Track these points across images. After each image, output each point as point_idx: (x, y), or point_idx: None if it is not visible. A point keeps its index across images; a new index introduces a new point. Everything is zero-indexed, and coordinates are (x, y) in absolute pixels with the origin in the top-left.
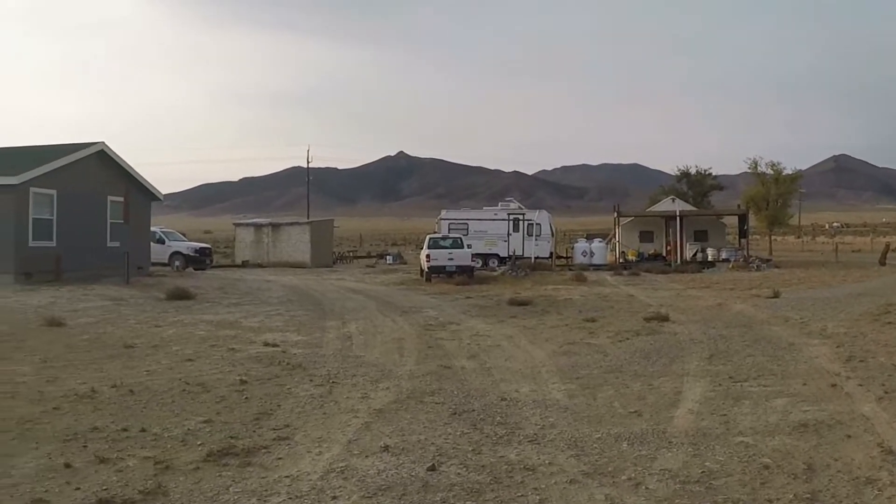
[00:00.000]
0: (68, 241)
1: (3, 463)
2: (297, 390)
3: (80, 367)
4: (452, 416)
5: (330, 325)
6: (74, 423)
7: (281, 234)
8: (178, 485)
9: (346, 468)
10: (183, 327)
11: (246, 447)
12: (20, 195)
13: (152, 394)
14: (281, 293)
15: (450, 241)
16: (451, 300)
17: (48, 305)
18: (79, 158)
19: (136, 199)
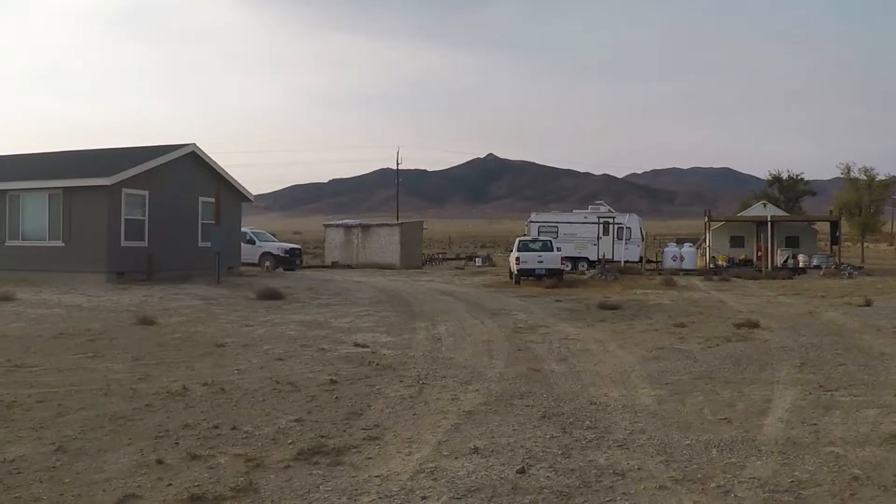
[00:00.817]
0: (160, 241)
1: (96, 458)
2: (387, 391)
3: (171, 365)
4: (542, 419)
5: (419, 327)
6: (166, 420)
7: (370, 235)
8: (269, 482)
9: (436, 469)
10: (273, 327)
11: (336, 446)
12: (113, 196)
13: (243, 392)
14: (370, 294)
15: (539, 244)
16: (541, 303)
17: (140, 304)
18: (171, 160)
19: (227, 200)
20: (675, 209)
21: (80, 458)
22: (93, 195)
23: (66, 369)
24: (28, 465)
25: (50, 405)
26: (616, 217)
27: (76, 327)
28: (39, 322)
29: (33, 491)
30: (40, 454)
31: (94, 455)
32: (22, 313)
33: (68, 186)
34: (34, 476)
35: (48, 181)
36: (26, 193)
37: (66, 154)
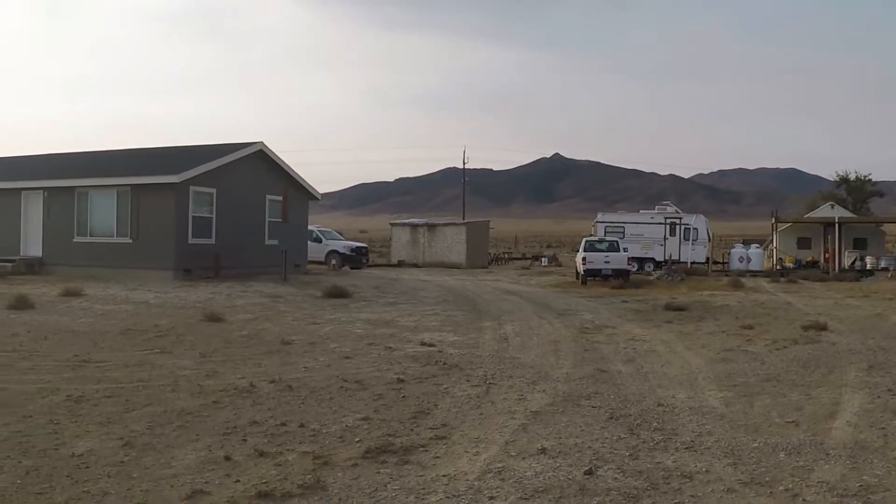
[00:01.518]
0: (227, 238)
1: (164, 454)
2: (455, 390)
3: (238, 362)
4: (609, 420)
5: (486, 326)
6: (234, 417)
7: (437, 234)
8: (337, 480)
9: (504, 469)
10: (340, 325)
11: (404, 445)
12: (181, 193)
13: (310, 390)
14: (437, 293)
15: (606, 244)
16: (607, 303)
17: (207, 301)
18: (239, 158)
19: (294, 199)
20: (741, 210)
21: (147, 453)
22: (161, 193)
23: (133, 365)
24: (96, 460)
25: (118, 400)
26: (683, 217)
27: (143, 323)
28: (107, 318)
29: (101, 485)
30: (108, 449)
31: (161, 450)
32: (90, 309)
33: (137, 184)
34: (102, 470)
35: (117, 178)
36: (95, 190)
37: (135, 152)
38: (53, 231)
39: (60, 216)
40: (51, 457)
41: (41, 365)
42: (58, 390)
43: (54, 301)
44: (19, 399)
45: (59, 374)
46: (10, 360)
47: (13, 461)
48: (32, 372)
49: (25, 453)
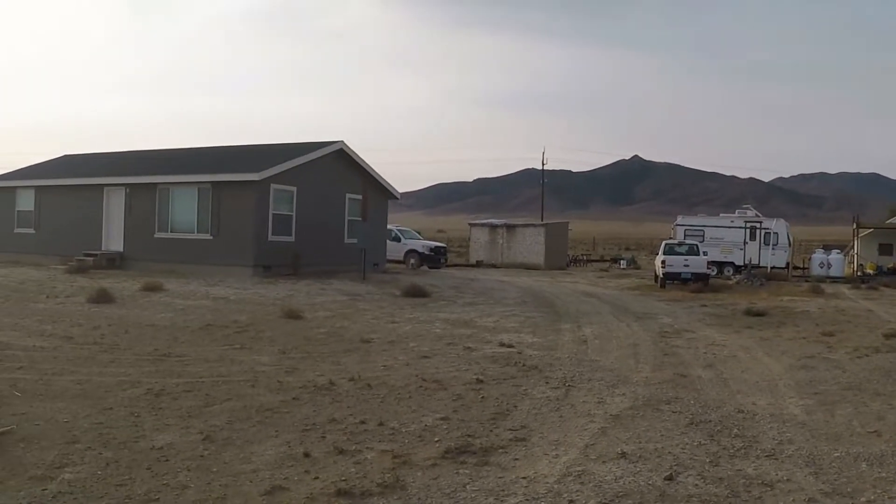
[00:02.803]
0: (306, 236)
1: (244, 449)
2: (534, 392)
3: (318, 359)
4: (689, 425)
5: (565, 328)
6: (313, 414)
7: (515, 235)
8: (416, 480)
9: (583, 473)
10: (419, 324)
11: (483, 446)
12: (261, 191)
13: (389, 389)
14: (515, 294)
15: (686, 248)
16: (686, 307)
17: (286, 298)
18: (319, 157)
19: (373, 198)
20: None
21: (227, 448)
22: (242, 190)
23: (213, 360)
24: (176, 453)
25: (197, 395)
26: (763, 221)
27: (223, 319)
28: (187, 313)
29: (181, 479)
30: (188, 443)
31: (241, 446)
32: (170, 304)
33: (218, 181)
34: (182, 464)
35: (198, 175)
36: (176, 187)
37: (216, 150)
38: (134, 227)
39: (142, 212)
40: (131, 449)
41: (122, 358)
42: (138, 383)
43: (135, 295)
44: (100, 391)
45: (140, 368)
46: (92, 352)
47: (94, 452)
48: (113, 365)
49: (106, 445)
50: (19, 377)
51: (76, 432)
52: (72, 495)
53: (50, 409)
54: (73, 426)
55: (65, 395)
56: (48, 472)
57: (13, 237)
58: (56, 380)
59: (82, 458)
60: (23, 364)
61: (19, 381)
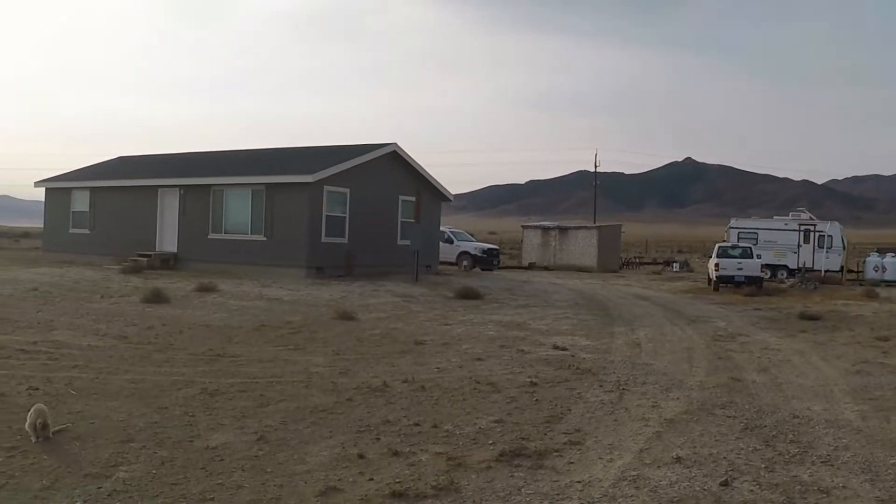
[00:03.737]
0: (359, 237)
1: (298, 449)
2: (588, 395)
3: (371, 360)
4: (744, 430)
5: (618, 331)
6: (367, 416)
7: (568, 237)
8: (471, 482)
9: (638, 477)
10: (472, 326)
11: (537, 449)
12: (315, 193)
13: (443, 391)
14: (568, 296)
15: (739, 251)
16: (739, 311)
17: (339, 299)
18: (372, 158)
19: (426, 199)
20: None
21: (281, 448)
22: (295, 192)
23: (267, 360)
24: (230, 453)
25: (252, 395)
26: (817, 224)
27: (277, 320)
28: (241, 313)
29: (235, 478)
30: (243, 443)
31: (295, 446)
32: (224, 304)
33: (271, 183)
34: (237, 464)
35: (252, 177)
36: (230, 189)
37: (269, 152)
38: (189, 228)
39: (196, 213)
40: (185, 448)
41: (176, 358)
42: (193, 383)
43: (189, 296)
44: (155, 391)
45: (194, 368)
46: (146, 352)
47: (149, 451)
48: (168, 364)
49: (161, 444)
50: (75, 376)
51: (131, 431)
52: (127, 493)
53: (105, 408)
54: (128, 425)
55: (120, 394)
56: (103, 470)
57: (68, 237)
58: (111, 379)
59: (137, 457)
60: (78, 363)
61: (75, 379)
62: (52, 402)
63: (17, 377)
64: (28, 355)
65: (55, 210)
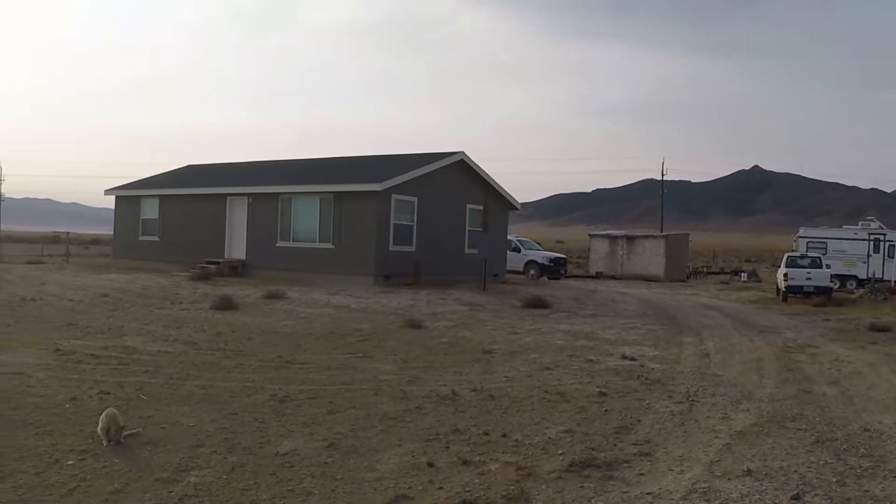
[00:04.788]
0: (427, 246)
1: (367, 457)
2: (657, 406)
3: (440, 369)
4: (815, 443)
5: (687, 342)
6: (436, 424)
7: (636, 246)
8: (541, 493)
9: (709, 490)
10: (540, 335)
11: (607, 460)
12: (383, 201)
13: (512, 400)
14: (636, 306)
15: (808, 261)
16: (809, 321)
17: (407, 308)
18: (440, 167)
19: (494, 208)
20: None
21: (351, 455)
22: (363, 200)
23: (335, 368)
24: (300, 460)
25: (321, 402)
26: (888, 234)
27: (345, 327)
28: (309, 321)
29: (305, 485)
30: (312, 449)
31: (365, 454)
32: (292, 311)
33: (339, 191)
34: (306, 470)
35: (320, 186)
36: (298, 197)
37: (336, 160)
38: (257, 235)
39: (264, 221)
40: (256, 454)
41: (246, 364)
42: (262, 389)
43: (257, 303)
44: (225, 396)
45: (264, 374)
46: (216, 358)
47: (220, 457)
48: (237, 371)
49: (231, 450)
50: (145, 381)
51: (201, 436)
52: (197, 498)
53: (175, 413)
54: (198, 430)
55: (190, 399)
56: (174, 474)
57: (138, 244)
58: (181, 384)
59: (208, 462)
60: (148, 368)
61: (145, 384)
62: (122, 406)
63: (89, 381)
64: (99, 360)
65: (125, 217)
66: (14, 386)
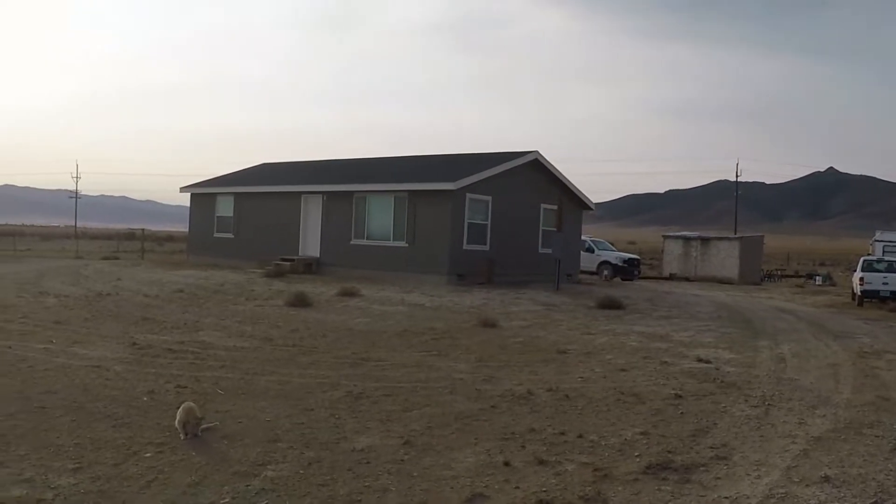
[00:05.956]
0: (500, 245)
1: (443, 455)
2: (733, 409)
3: (514, 368)
4: (893, 451)
5: (762, 345)
6: (512, 423)
7: (710, 248)
8: (617, 494)
9: (787, 495)
10: (614, 336)
11: (684, 463)
12: (457, 200)
13: (587, 400)
14: (710, 308)
15: (885, 265)
16: (885, 327)
17: (481, 307)
18: (513, 167)
19: (568, 208)
20: None
21: (427, 453)
22: (437, 199)
23: (410, 365)
24: (376, 457)
25: (396, 399)
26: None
27: (419, 326)
28: (383, 318)
29: (382, 482)
30: (388, 446)
31: (441, 451)
32: (366, 309)
33: (414, 190)
34: (383, 467)
35: (395, 184)
36: (373, 196)
37: (409, 159)
38: (331, 233)
39: (338, 219)
40: (332, 450)
41: (321, 360)
42: (338, 386)
43: (331, 300)
44: (301, 392)
45: (339, 371)
46: (291, 354)
47: (297, 452)
48: (313, 367)
49: (308, 445)
50: (221, 376)
51: (278, 431)
52: (274, 493)
53: (252, 408)
54: (274, 425)
55: (266, 394)
56: (251, 468)
57: (213, 241)
58: (257, 379)
59: (284, 457)
60: (224, 363)
61: (221, 379)
62: (199, 400)
63: (166, 376)
64: (175, 355)
65: (200, 215)
66: (92, 379)
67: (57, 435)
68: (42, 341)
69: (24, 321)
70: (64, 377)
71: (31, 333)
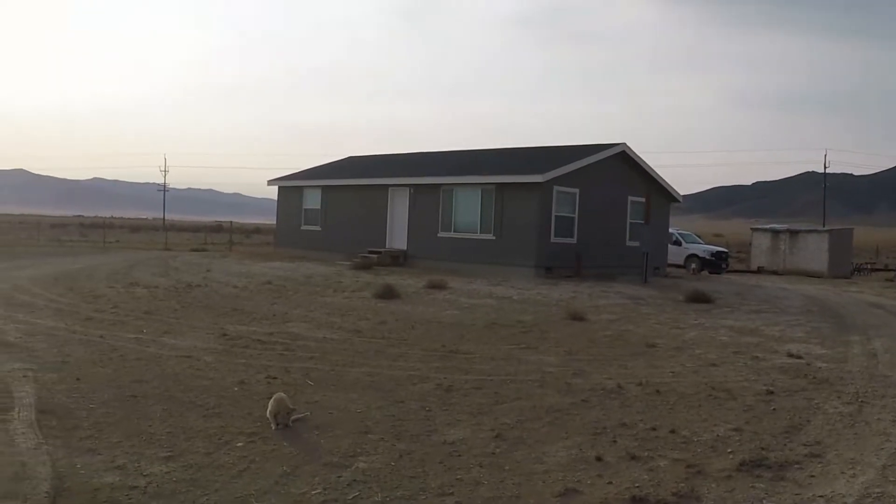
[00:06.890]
0: (588, 238)
1: (534, 449)
2: (826, 406)
3: (603, 362)
4: None
5: (853, 340)
6: (602, 417)
7: (798, 241)
8: (710, 491)
9: (883, 495)
10: (704, 331)
11: (778, 460)
12: (545, 193)
13: (678, 396)
14: (799, 302)
15: None
16: None
17: (569, 300)
18: (601, 159)
19: (655, 200)
20: None
21: (518, 447)
22: (525, 192)
23: (499, 358)
24: (468, 449)
25: (486, 392)
26: None
27: (507, 318)
28: (472, 311)
29: (473, 474)
30: (479, 439)
31: (532, 445)
32: (455, 301)
33: (501, 182)
34: (474, 460)
35: (482, 177)
36: (460, 188)
37: (496, 152)
38: (418, 226)
39: (425, 212)
40: (423, 442)
41: (410, 353)
42: (427, 378)
43: (419, 292)
44: (391, 384)
45: (428, 363)
46: (380, 346)
47: (387, 444)
48: (402, 359)
49: (399, 437)
50: (311, 367)
51: (369, 423)
52: (366, 484)
53: (342, 399)
54: (365, 417)
55: (356, 386)
56: (343, 459)
57: (300, 234)
58: (347, 371)
59: (375, 449)
60: (314, 355)
61: (311, 370)
62: (289, 391)
63: (256, 366)
64: (265, 346)
65: (287, 207)
66: (184, 369)
67: (149, 423)
68: (133, 331)
69: (115, 311)
70: (155, 367)
71: (122, 323)
